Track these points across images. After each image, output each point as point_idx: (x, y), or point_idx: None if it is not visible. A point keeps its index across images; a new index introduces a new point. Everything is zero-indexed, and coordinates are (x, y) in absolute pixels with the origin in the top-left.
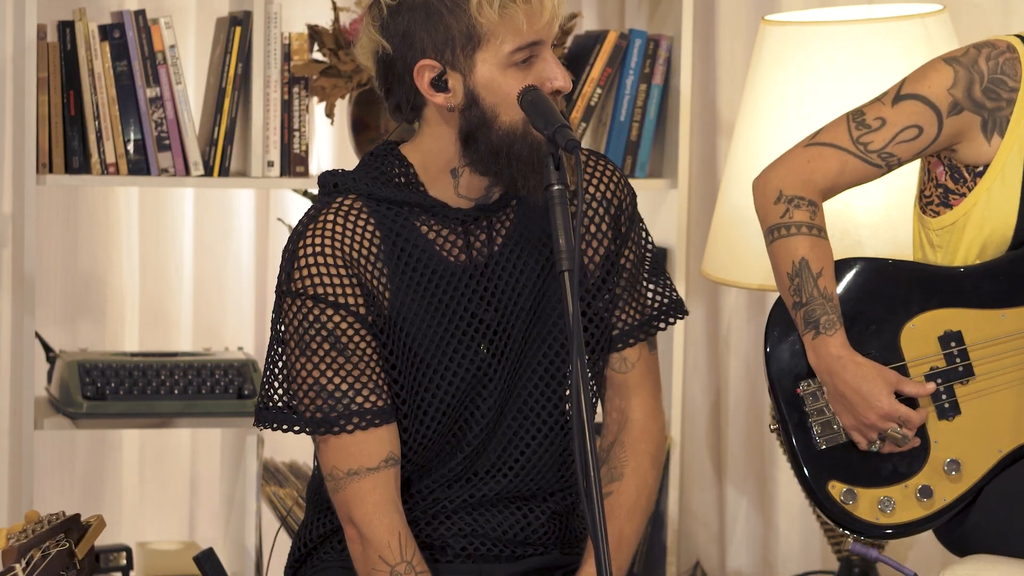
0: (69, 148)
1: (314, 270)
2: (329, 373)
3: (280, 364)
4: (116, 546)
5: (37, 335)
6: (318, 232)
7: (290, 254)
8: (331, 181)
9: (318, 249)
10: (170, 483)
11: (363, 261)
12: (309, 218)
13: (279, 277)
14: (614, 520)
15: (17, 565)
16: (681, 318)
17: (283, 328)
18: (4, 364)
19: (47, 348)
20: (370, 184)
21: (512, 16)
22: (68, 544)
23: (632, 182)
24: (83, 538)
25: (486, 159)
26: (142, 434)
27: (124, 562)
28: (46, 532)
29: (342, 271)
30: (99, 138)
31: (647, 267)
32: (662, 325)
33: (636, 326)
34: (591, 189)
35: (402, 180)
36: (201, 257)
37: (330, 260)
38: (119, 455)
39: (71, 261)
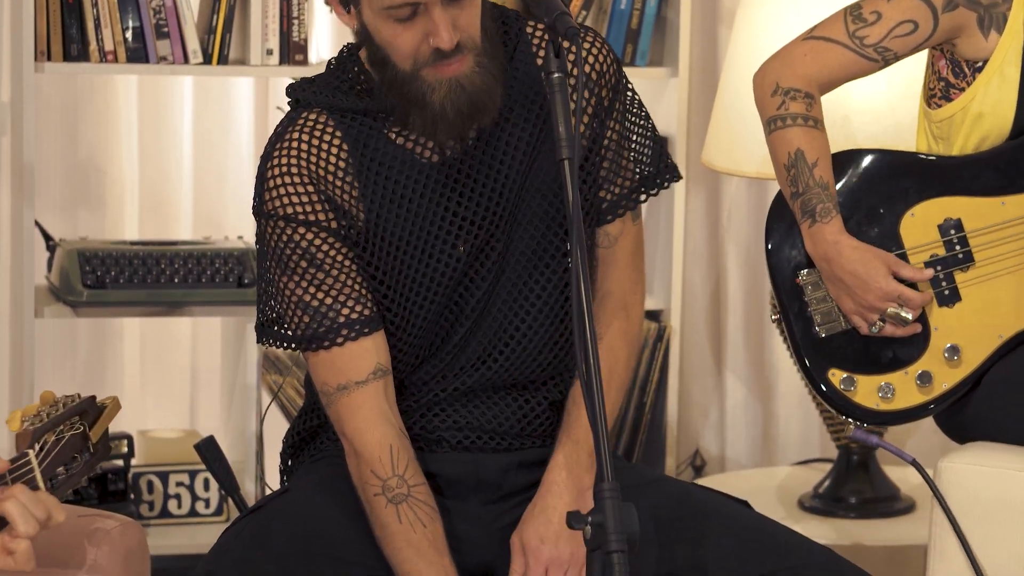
0: (67, 36)
1: (282, 190)
2: (311, 290)
3: (264, 282)
4: (117, 434)
5: (37, 224)
6: (284, 151)
7: (260, 175)
8: (294, 95)
9: (284, 169)
10: (171, 371)
11: (330, 177)
12: (276, 136)
13: (253, 198)
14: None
15: (31, 451)
16: (674, 180)
17: (264, 248)
18: (4, 253)
19: (47, 237)
20: (332, 95)
21: None
22: (82, 427)
23: (632, 71)
24: (98, 420)
25: (385, 89)
26: (142, 322)
27: (125, 450)
28: (61, 415)
29: (310, 188)
30: (97, 26)
31: (639, 132)
32: (654, 191)
33: (622, 196)
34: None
35: (363, 88)
36: (200, 145)
37: (296, 179)
38: (119, 343)
39: (70, 149)
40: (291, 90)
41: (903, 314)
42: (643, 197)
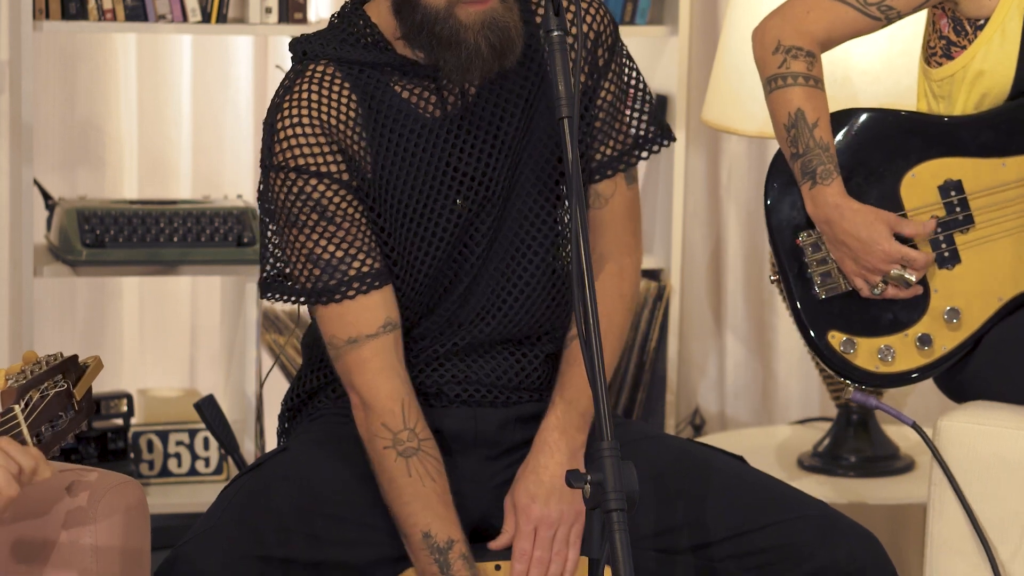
0: None
1: (294, 141)
2: (322, 243)
3: (270, 235)
4: (117, 393)
5: (36, 183)
6: (294, 103)
7: (269, 127)
8: (300, 48)
9: (296, 120)
10: (170, 330)
11: (342, 127)
12: (285, 89)
13: (261, 151)
14: (578, 359)
15: (16, 406)
16: (666, 145)
17: (271, 203)
18: (3, 212)
19: (46, 196)
20: (339, 48)
21: None
22: (66, 385)
23: (632, 29)
24: (81, 379)
25: (412, 34)
26: (142, 282)
27: (125, 409)
28: (44, 373)
29: (322, 139)
30: None
31: (634, 95)
32: (644, 154)
33: (614, 157)
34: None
35: (369, 40)
36: (199, 104)
37: (308, 130)
38: (119, 302)
39: (69, 108)
40: (296, 44)
41: (907, 276)
42: (634, 160)
